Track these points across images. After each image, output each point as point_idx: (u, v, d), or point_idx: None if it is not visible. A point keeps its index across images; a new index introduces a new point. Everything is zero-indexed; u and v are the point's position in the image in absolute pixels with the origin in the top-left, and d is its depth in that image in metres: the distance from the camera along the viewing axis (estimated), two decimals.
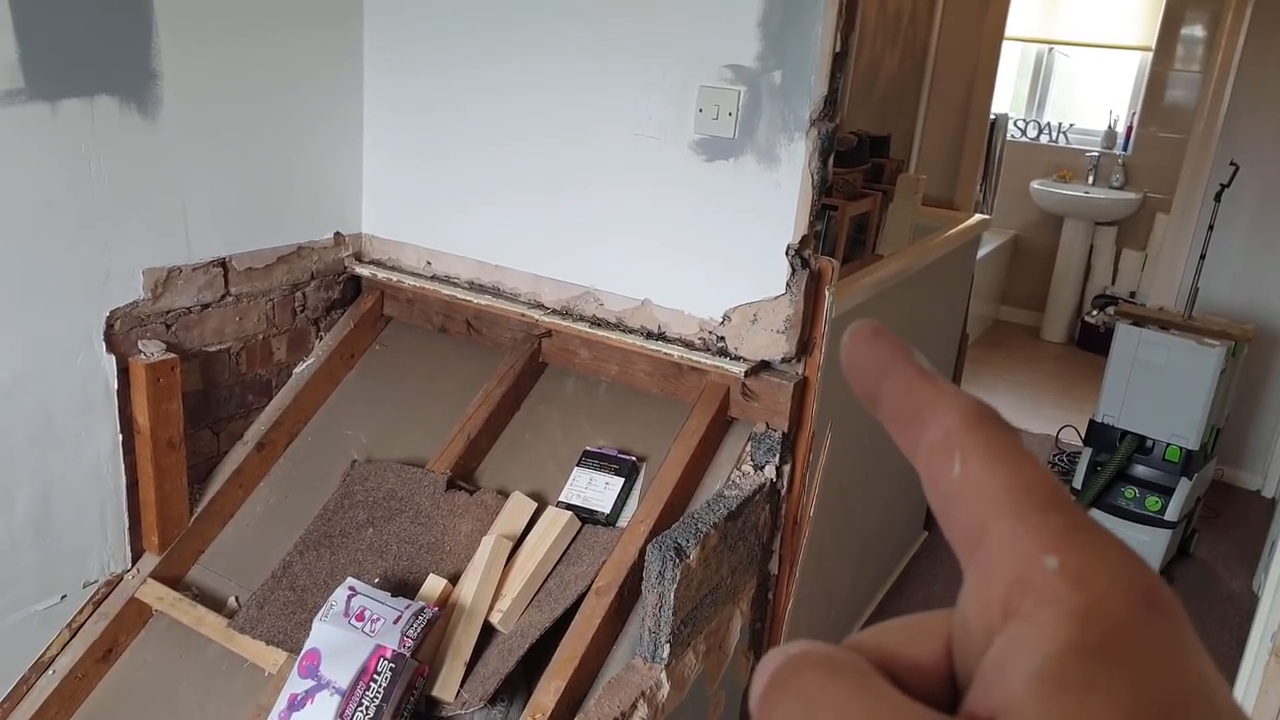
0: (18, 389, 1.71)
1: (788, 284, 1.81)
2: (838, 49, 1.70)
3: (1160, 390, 3.02)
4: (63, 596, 1.86)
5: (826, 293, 1.82)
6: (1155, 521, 3.05)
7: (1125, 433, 3.10)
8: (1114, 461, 3.07)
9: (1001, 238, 5.35)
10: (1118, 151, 5.22)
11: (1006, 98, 5.41)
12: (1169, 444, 3.03)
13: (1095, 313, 5.05)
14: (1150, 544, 3.04)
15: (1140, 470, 3.10)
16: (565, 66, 1.95)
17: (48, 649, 1.85)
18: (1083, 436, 3.28)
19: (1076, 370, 4.96)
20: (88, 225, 1.75)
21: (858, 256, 2.78)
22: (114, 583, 1.92)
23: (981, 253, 4.47)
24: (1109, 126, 5.23)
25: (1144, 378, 3.03)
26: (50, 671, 1.84)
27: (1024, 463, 0.22)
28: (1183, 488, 3.03)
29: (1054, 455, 3.86)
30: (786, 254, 1.80)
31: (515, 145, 2.05)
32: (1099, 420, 3.15)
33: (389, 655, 1.55)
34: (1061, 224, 5.33)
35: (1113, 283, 5.25)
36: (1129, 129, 5.18)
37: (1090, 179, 5.26)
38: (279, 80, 2.02)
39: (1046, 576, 0.20)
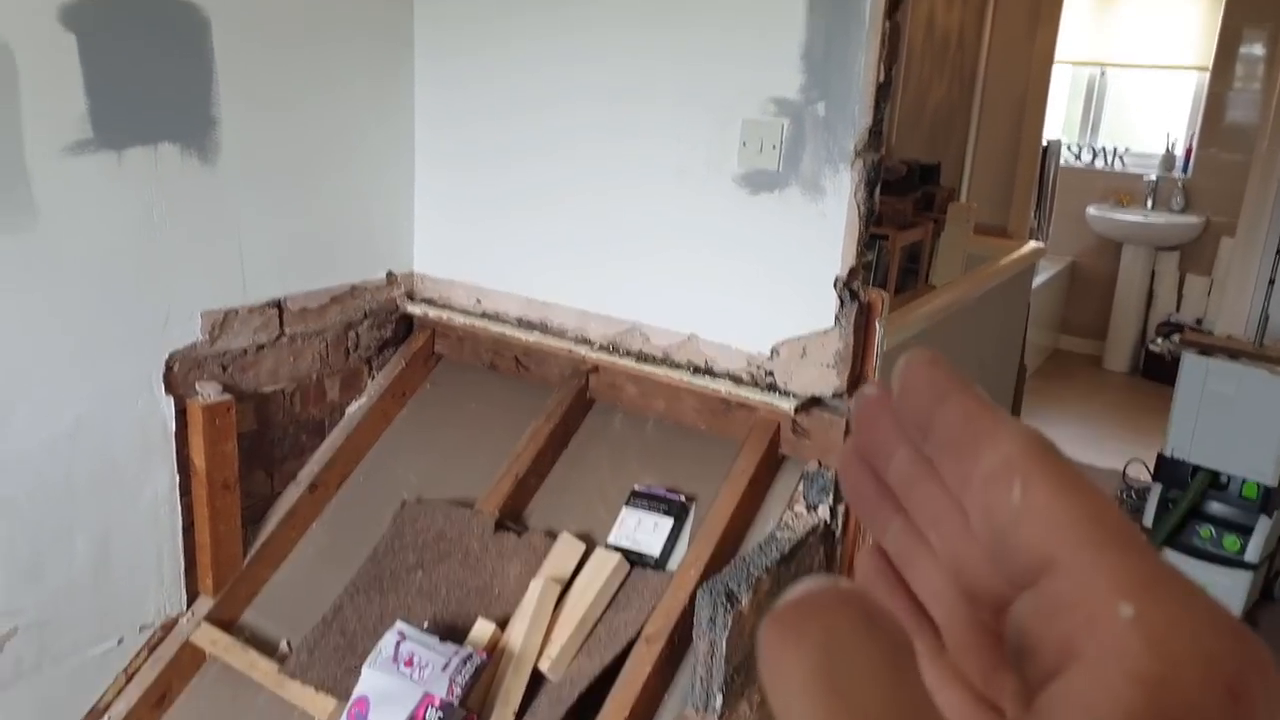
0: (80, 432, 1.75)
1: (836, 317, 1.77)
2: (881, 80, 1.68)
3: (1233, 422, 2.90)
4: (119, 640, 1.88)
5: (877, 325, 1.78)
6: (1235, 563, 2.91)
7: (1197, 468, 2.97)
8: (1186, 499, 2.95)
9: (1058, 265, 5.24)
10: (1177, 174, 5.09)
11: (1059, 122, 5.32)
12: (1245, 480, 2.90)
13: (1160, 341, 4.90)
14: (1230, 587, 2.90)
15: (1215, 508, 2.97)
16: (609, 102, 1.95)
17: (103, 695, 1.87)
18: (1152, 471, 3.16)
19: (1142, 401, 4.80)
20: (149, 269, 1.80)
21: (910, 286, 2.74)
22: (169, 626, 1.94)
23: (1038, 280, 4.38)
24: (1167, 149, 5.11)
25: (1214, 409, 2.92)
26: (106, 717, 1.86)
27: (1093, 494, 0.20)
28: (1263, 526, 2.89)
29: (1122, 491, 3.73)
30: (834, 286, 1.77)
31: (561, 182, 2.06)
32: (1169, 455, 3.03)
33: (437, 704, 1.53)
34: (1120, 249, 5.20)
35: (1177, 309, 5.10)
36: (1188, 151, 5.05)
37: (1149, 203, 5.13)
38: (333, 122, 2.06)
39: (1119, 624, 0.18)
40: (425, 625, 1.74)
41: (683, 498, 1.84)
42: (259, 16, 1.87)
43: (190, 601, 1.96)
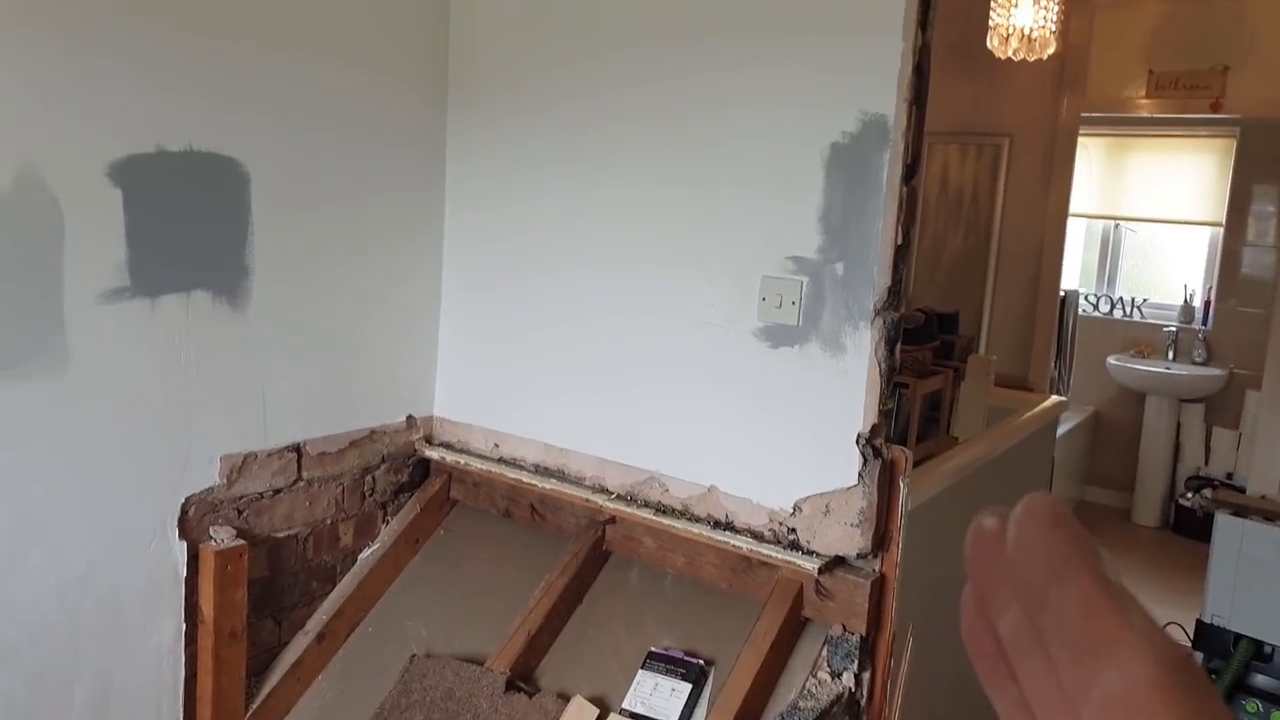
0: (91, 577, 1.73)
1: (860, 474, 1.75)
2: (899, 242, 1.72)
3: (1274, 588, 2.79)
4: None
5: (901, 483, 1.76)
6: None
7: (1239, 636, 2.85)
8: (1229, 670, 2.81)
9: (1081, 414, 5.20)
10: (1197, 326, 5.10)
11: (1075, 272, 5.39)
12: None
13: (1190, 496, 4.80)
14: None
15: (1261, 680, 2.82)
16: (634, 246, 2.00)
17: None
18: (1191, 638, 3.02)
19: (1175, 558, 4.65)
20: (173, 413, 1.81)
21: (931, 435, 2.71)
22: None
23: (1061, 430, 4.34)
24: (1185, 301, 5.15)
25: (1253, 573, 2.82)
26: None
27: None
28: None
29: None
30: (857, 443, 1.76)
31: (582, 329, 2.09)
32: (1207, 621, 2.91)
33: None
34: (1144, 400, 5.16)
35: (1206, 463, 5.01)
36: (1207, 303, 5.08)
37: (1170, 354, 5.13)
38: (363, 272, 2.12)
39: None
40: None
41: (701, 661, 1.77)
42: (296, 171, 1.95)
43: None
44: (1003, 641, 0.23)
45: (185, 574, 1.85)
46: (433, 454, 2.28)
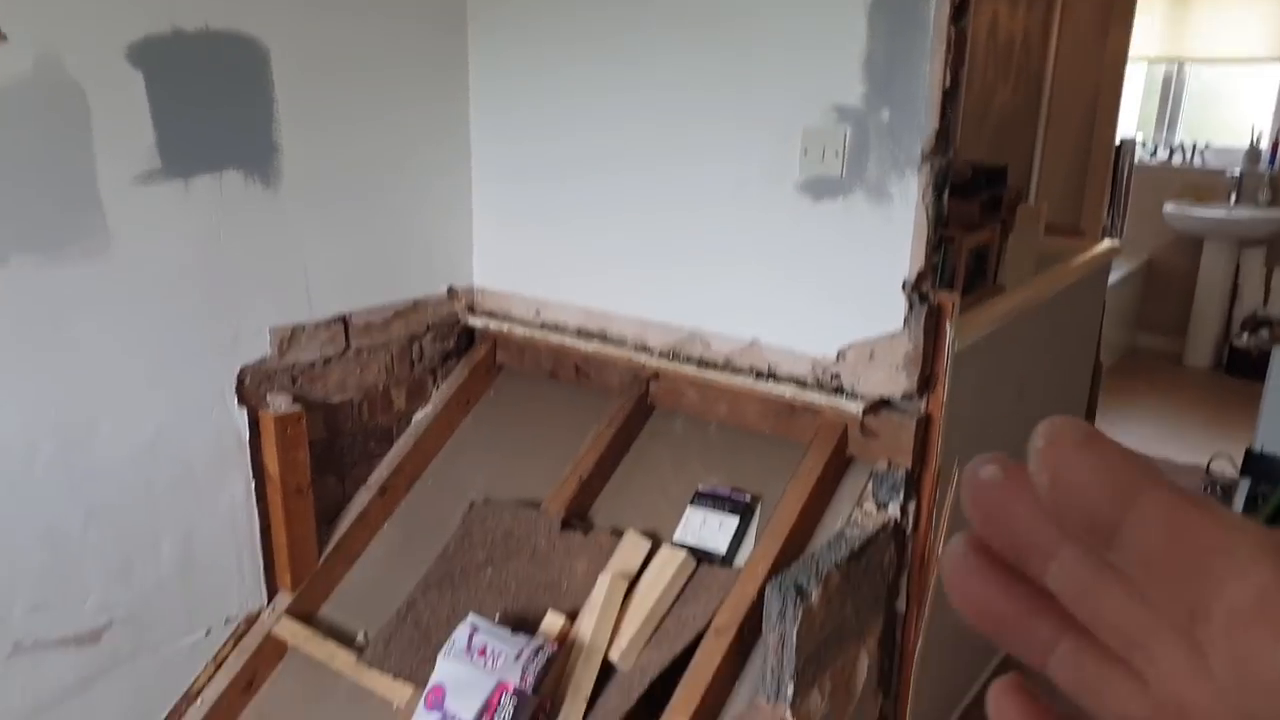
0: (160, 441, 1.82)
1: (905, 319, 1.75)
2: (948, 85, 1.66)
3: None
4: (207, 631, 1.96)
5: (948, 327, 1.76)
6: None
7: None
8: (1278, 494, 2.84)
9: (1134, 263, 5.09)
10: (1264, 168, 4.90)
11: (1133, 119, 5.16)
12: None
13: (1246, 336, 4.72)
14: None
15: None
16: (668, 108, 1.97)
17: (195, 680, 1.96)
18: (1239, 467, 3.04)
19: (1227, 397, 4.62)
20: (217, 289, 1.86)
21: (979, 287, 2.68)
22: (252, 619, 2.01)
23: (1113, 278, 4.25)
24: (1252, 143, 4.92)
25: None
26: (198, 701, 1.95)
27: None
28: None
29: (1206, 486, 3.59)
30: (903, 289, 1.75)
31: (617, 193, 2.07)
32: (1258, 450, 2.92)
33: (511, 690, 1.56)
34: (1200, 246, 5.02)
35: (1265, 304, 4.90)
36: (1275, 143, 4.86)
37: (1233, 198, 4.95)
38: (392, 144, 2.11)
39: None
40: (496, 618, 1.77)
41: (748, 497, 1.84)
42: (316, 47, 1.93)
43: (270, 596, 2.03)
44: (1054, 592, 0.20)
45: (248, 437, 1.94)
46: (476, 322, 2.32)
